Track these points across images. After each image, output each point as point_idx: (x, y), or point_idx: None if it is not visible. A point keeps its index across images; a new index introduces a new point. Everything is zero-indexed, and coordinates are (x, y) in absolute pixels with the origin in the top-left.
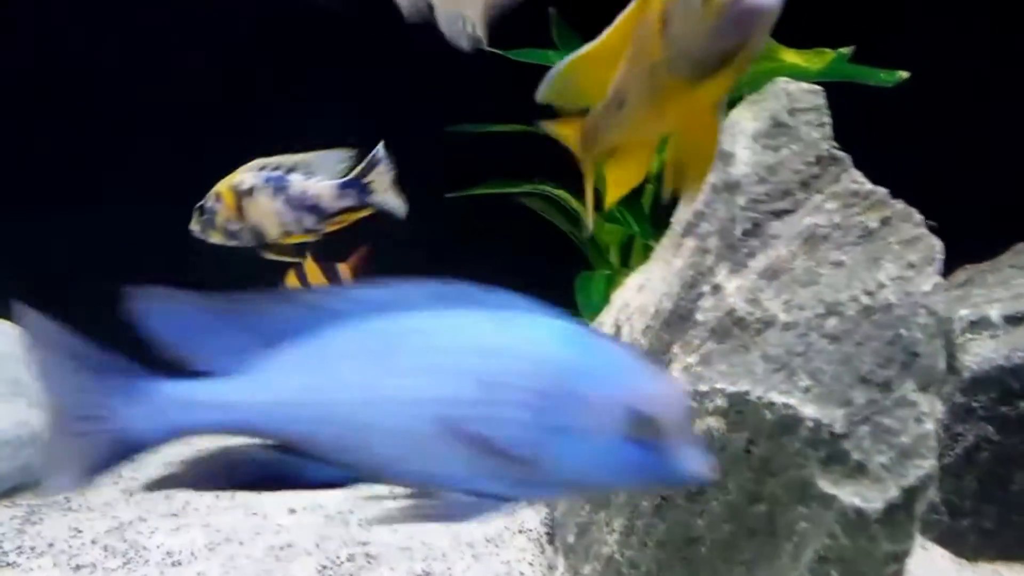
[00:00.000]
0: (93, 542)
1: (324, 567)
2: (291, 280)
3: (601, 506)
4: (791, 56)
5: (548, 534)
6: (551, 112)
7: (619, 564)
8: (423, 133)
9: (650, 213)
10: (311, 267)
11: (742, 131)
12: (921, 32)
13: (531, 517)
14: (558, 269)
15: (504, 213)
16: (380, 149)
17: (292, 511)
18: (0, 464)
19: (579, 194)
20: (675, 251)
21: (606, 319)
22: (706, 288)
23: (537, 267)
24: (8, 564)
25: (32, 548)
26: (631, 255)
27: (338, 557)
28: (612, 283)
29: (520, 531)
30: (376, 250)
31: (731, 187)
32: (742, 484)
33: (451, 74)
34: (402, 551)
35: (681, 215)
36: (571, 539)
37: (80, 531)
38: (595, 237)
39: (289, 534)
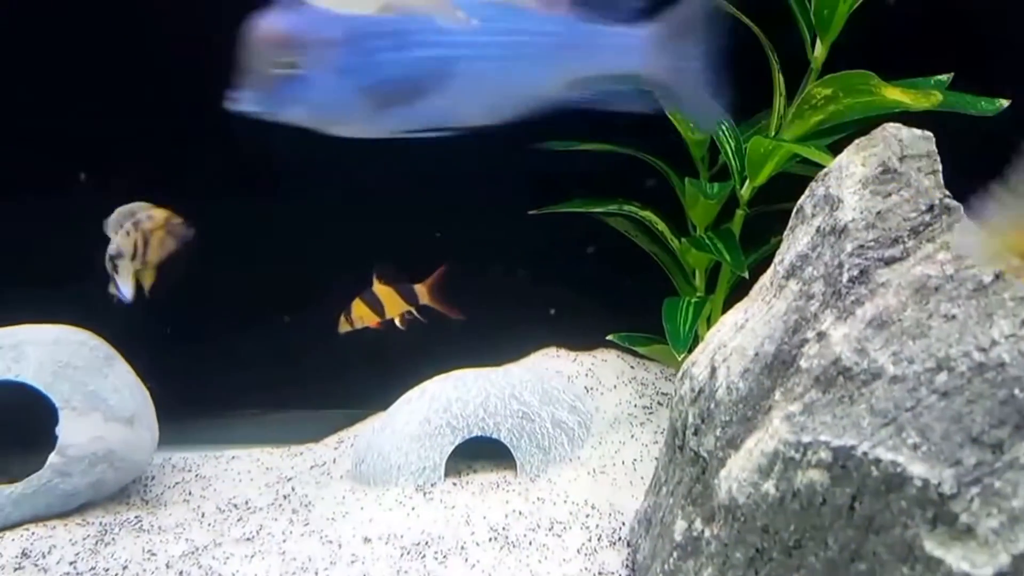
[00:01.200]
0: (168, 566)
1: None
2: (358, 307)
3: (690, 554)
4: (895, 93)
5: None
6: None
7: None
8: (507, 148)
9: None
10: (381, 289)
11: (850, 175)
12: (1017, 57)
13: (612, 559)
14: (641, 290)
15: (587, 232)
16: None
17: (367, 540)
18: (74, 480)
19: (666, 215)
20: (776, 292)
21: (700, 359)
22: (810, 334)
23: (620, 288)
24: None
25: (106, 570)
26: (717, 281)
27: None
28: (700, 310)
29: (600, 573)
30: (454, 268)
31: (838, 232)
32: (844, 541)
33: None
34: None
35: (784, 256)
36: None
37: (154, 554)
38: (681, 260)
39: (364, 565)
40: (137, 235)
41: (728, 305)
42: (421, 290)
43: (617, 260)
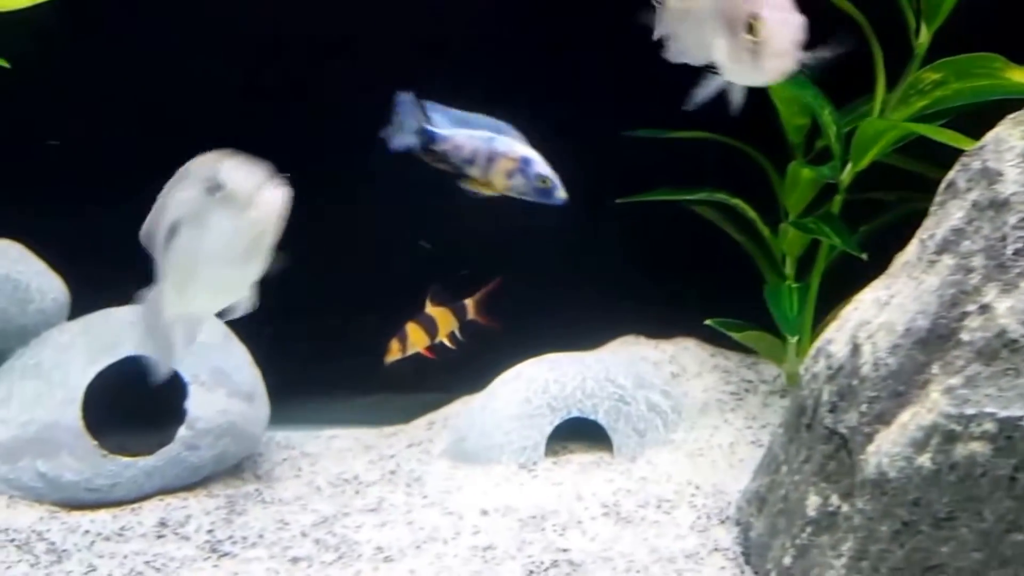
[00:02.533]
0: (303, 534)
1: (531, 572)
2: (413, 331)
3: (825, 529)
4: (1017, 75)
5: (744, 554)
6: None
7: None
8: (596, 135)
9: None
10: (435, 311)
11: (1009, 149)
12: None
13: (723, 536)
14: (729, 279)
15: (674, 221)
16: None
17: (485, 512)
18: (201, 452)
19: (755, 203)
20: (927, 268)
21: (837, 337)
22: (971, 308)
23: (696, 277)
24: (225, 554)
25: (244, 538)
26: (811, 268)
27: (542, 563)
28: (805, 296)
29: (716, 549)
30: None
31: (999, 205)
32: (1001, 513)
33: (630, 75)
34: (604, 561)
35: (934, 231)
36: (787, 561)
37: (287, 523)
38: (774, 247)
39: (488, 536)
40: None
41: (822, 290)
42: (470, 305)
43: (693, 249)
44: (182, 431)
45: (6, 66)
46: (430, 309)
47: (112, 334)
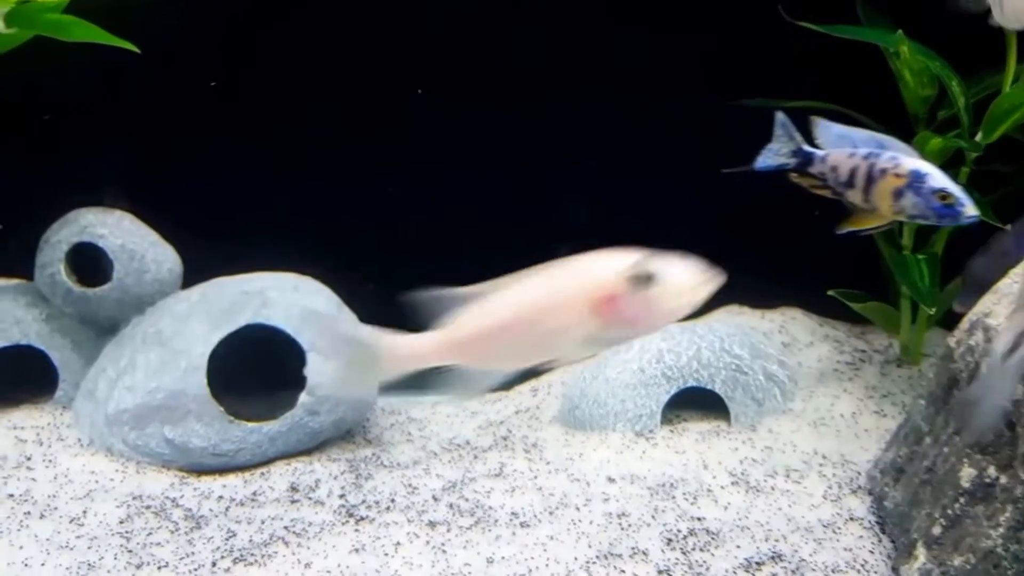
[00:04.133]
0: (435, 499)
1: (669, 540)
2: None
3: (980, 500)
4: None
5: (879, 523)
6: None
7: (1000, 558)
8: (709, 106)
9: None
10: None
11: None
12: None
13: (857, 506)
14: (828, 249)
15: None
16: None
17: (611, 479)
18: (321, 418)
19: None
20: None
21: (997, 310)
22: None
23: (797, 248)
24: (363, 518)
25: (376, 503)
26: (930, 238)
27: (679, 531)
28: (934, 266)
29: (851, 519)
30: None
31: None
32: None
33: (745, 43)
34: (742, 530)
35: None
36: (936, 531)
37: (415, 488)
38: None
39: (619, 503)
40: None
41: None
42: None
43: (792, 219)
44: (303, 397)
45: (135, 51)
46: None
47: (228, 303)
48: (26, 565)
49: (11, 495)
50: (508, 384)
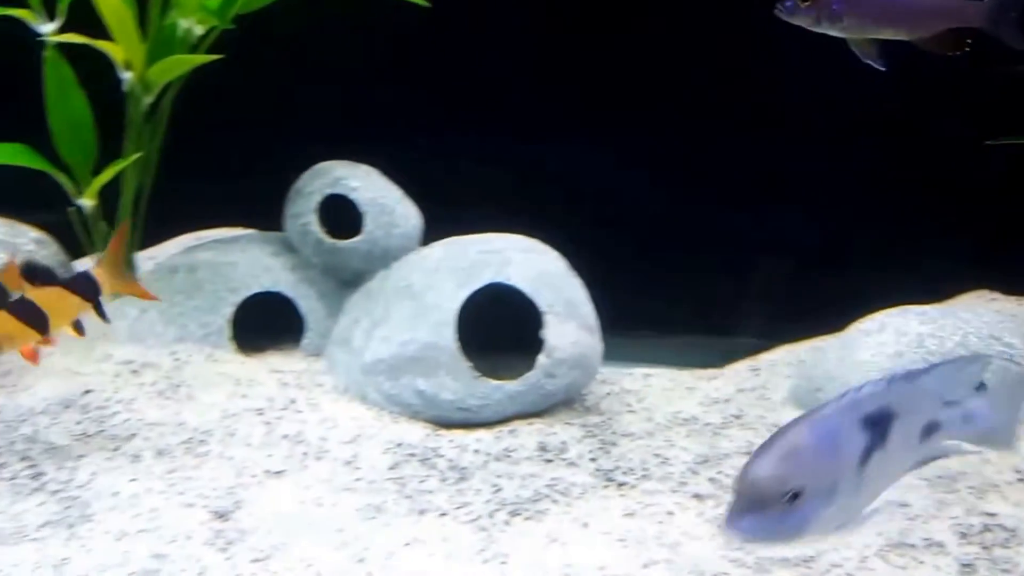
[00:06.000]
0: (692, 472)
1: (963, 534)
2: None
3: None
4: None
5: None
6: None
7: None
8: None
9: None
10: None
11: None
12: None
13: None
14: None
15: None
16: None
17: None
18: (556, 381)
19: None
20: None
21: None
22: None
23: None
24: (623, 484)
25: (631, 470)
26: None
27: (971, 525)
28: None
29: None
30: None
31: None
32: None
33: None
34: None
35: None
36: None
37: (667, 459)
38: None
39: (896, 492)
40: None
41: None
42: (101, 275)
43: None
44: (542, 359)
45: (426, 5)
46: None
47: (470, 261)
48: (319, 504)
49: (285, 436)
50: (703, 361)
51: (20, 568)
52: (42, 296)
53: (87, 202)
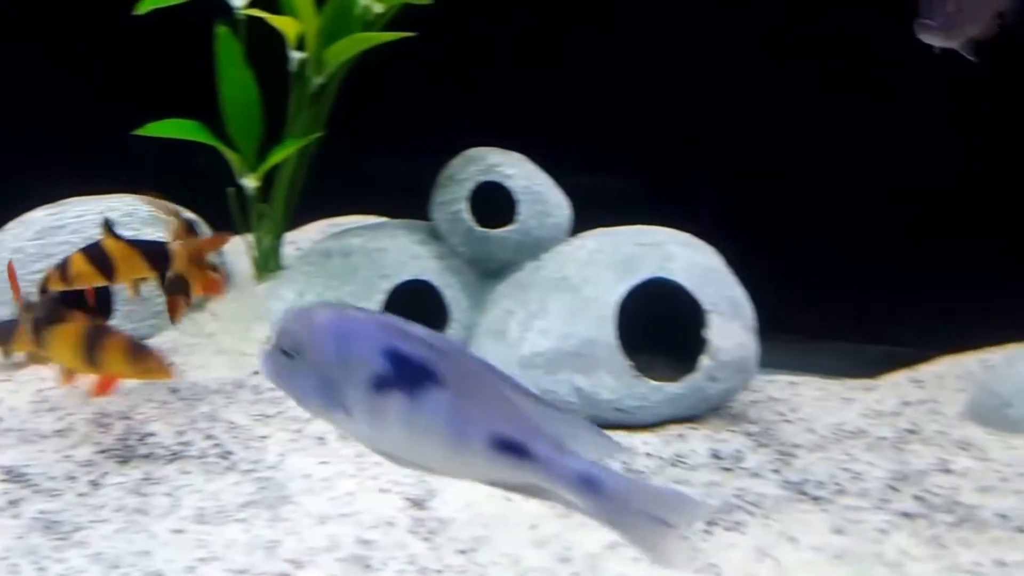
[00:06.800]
0: (893, 489)
1: None
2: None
3: None
4: None
5: None
6: None
7: None
8: None
9: None
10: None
11: None
12: None
13: None
14: None
15: None
16: None
17: None
18: (718, 385)
19: None
20: None
21: None
22: None
23: None
24: (818, 498)
25: (821, 483)
26: None
27: None
28: None
29: None
30: None
31: None
32: None
33: None
34: None
35: None
36: None
37: (857, 473)
38: None
39: None
40: None
41: None
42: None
43: None
44: (705, 361)
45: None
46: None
47: (627, 254)
48: (507, 499)
49: None
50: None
51: (233, 549)
52: (116, 247)
53: (250, 183)
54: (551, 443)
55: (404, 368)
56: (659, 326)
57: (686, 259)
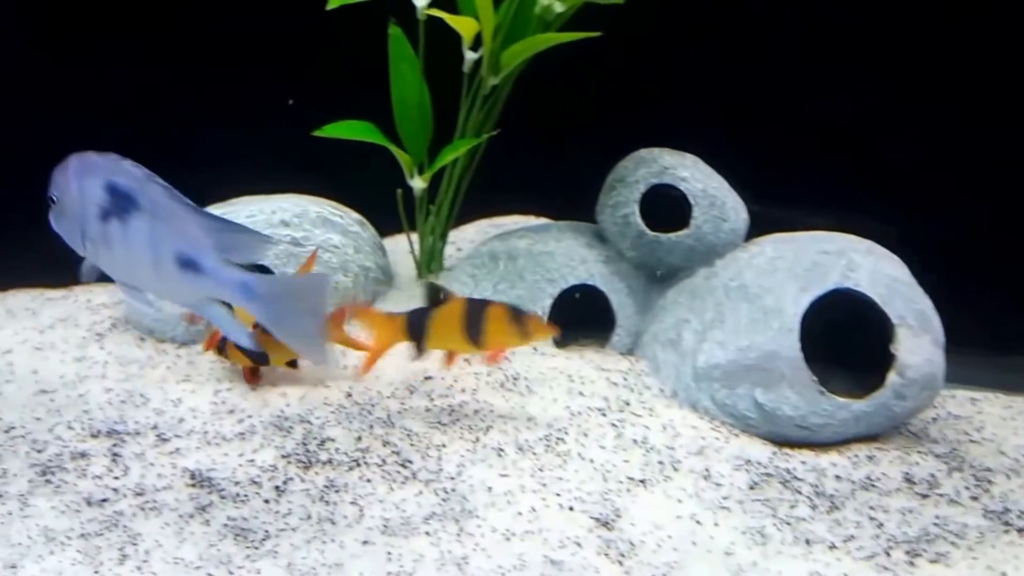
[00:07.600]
0: None
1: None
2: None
3: None
4: None
5: None
6: None
7: None
8: None
9: None
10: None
11: None
12: None
13: None
14: None
15: None
16: None
17: None
18: (905, 403)
19: None
20: None
21: None
22: None
23: None
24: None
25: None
26: None
27: None
28: None
29: None
30: None
31: None
32: None
33: None
34: None
35: None
36: None
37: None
38: None
39: None
40: None
41: None
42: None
43: None
44: (893, 377)
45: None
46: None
47: (810, 262)
48: (697, 522)
49: (634, 440)
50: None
51: (423, 563)
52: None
53: (418, 183)
54: (218, 258)
55: (118, 198)
56: (838, 338)
57: (871, 268)
